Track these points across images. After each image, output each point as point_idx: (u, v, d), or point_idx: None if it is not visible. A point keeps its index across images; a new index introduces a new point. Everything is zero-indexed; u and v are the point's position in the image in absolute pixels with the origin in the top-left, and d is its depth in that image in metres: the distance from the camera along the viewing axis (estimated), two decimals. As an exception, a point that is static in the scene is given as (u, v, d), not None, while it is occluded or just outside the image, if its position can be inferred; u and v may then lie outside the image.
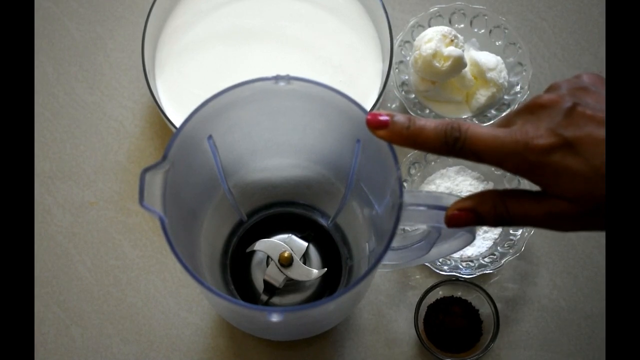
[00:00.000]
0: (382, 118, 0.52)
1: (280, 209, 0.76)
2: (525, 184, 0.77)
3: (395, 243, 0.63)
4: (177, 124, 0.76)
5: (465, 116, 0.81)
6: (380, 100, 0.78)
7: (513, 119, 0.53)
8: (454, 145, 0.51)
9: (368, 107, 0.77)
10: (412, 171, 0.79)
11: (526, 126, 0.51)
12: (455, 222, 0.53)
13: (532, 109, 0.52)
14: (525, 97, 0.80)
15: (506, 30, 0.82)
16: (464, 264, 0.77)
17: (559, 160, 0.49)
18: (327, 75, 0.81)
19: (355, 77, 0.81)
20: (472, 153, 0.51)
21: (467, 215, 0.53)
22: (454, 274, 0.76)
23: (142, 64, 0.77)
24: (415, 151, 0.78)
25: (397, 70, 0.81)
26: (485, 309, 0.76)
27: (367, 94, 0.80)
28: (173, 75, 0.81)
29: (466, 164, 0.80)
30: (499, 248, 0.77)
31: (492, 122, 0.79)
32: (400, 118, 0.52)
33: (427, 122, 0.52)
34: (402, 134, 0.52)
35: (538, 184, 0.51)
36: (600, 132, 0.49)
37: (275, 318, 0.57)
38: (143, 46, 0.77)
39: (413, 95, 0.81)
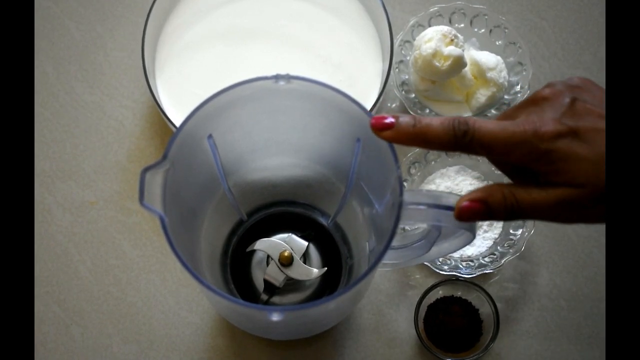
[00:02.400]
0: (387, 121, 0.52)
1: (281, 208, 0.76)
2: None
3: (395, 242, 0.63)
4: (177, 123, 0.76)
5: (465, 116, 0.81)
6: (381, 99, 0.78)
7: (515, 112, 0.54)
8: (463, 138, 0.51)
9: (368, 107, 0.77)
10: (412, 171, 0.79)
11: (531, 116, 0.52)
12: (467, 214, 0.52)
13: (534, 101, 0.53)
14: (525, 96, 0.80)
15: (506, 30, 0.82)
16: (464, 263, 0.77)
17: (566, 146, 0.50)
18: (327, 74, 0.81)
19: (355, 76, 0.81)
20: (481, 145, 0.51)
21: (478, 207, 0.52)
22: (454, 273, 0.76)
23: (142, 63, 0.77)
24: (416, 151, 0.78)
25: (397, 69, 0.81)
26: (485, 309, 0.76)
27: (367, 93, 0.80)
28: (173, 74, 0.81)
29: (466, 163, 0.80)
30: (499, 248, 0.77)
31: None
32: (405, 118, 0.52)
33: (433, 119, 0.52)
34: (409, 132, 0.52)
35: (546, 172, 0.51)
36: (601, 124, 0.51)
37: (275, 317, 0.57)
38: (143, 45, 0.77)
39: (413, 95, 0.81)
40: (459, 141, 0.51)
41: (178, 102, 0.80)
